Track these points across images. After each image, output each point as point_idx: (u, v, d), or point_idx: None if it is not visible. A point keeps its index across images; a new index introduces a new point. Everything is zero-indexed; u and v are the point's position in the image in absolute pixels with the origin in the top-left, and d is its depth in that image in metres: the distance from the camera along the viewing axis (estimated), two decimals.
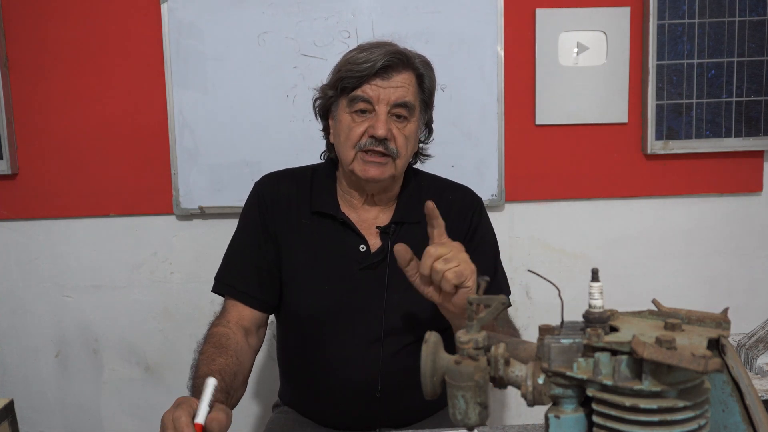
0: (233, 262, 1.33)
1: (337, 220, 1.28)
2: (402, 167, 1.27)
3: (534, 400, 0.66)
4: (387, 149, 1.21)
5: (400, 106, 1.22)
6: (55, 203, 1.95)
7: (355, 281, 1.26)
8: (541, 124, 1.96)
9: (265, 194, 1.32)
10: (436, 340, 0.71)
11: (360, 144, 1.22)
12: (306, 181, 1.34)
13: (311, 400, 1.34)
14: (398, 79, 1.22)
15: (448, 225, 1.27)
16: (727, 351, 0.65)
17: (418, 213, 1.28)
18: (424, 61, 1.28)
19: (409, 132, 1.25)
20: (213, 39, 1.88)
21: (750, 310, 1.98)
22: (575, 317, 0.69)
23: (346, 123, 1.23)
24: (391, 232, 1.28)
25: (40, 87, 1.90)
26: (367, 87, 1.21)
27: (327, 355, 1.27)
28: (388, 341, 1.26)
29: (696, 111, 1.94)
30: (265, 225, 1.30)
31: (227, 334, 1.23)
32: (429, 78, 1.28)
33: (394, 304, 1.26)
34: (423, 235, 1.25)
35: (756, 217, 2.05)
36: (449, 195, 1.35)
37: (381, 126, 1.20)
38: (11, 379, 2.03)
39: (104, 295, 2.00)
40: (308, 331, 1.29)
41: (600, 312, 0.66)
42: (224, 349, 1.19)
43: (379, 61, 1.19)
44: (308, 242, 1.29)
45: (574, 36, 1.92)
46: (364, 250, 1.27)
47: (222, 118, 1.90)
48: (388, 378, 1.25)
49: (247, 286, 1.28)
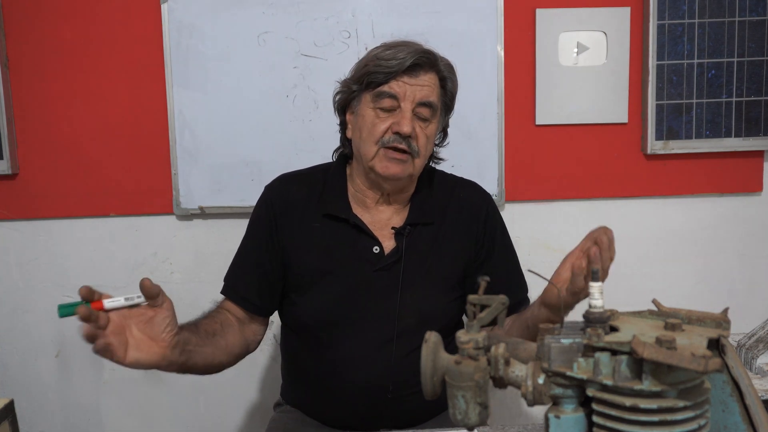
0: (239, 264, 1.35)
1: (349, 223, 1.28)
2: (420, 167, 1.27)
3: (534, 400, 0.66)
4: (410, 147, 1.21)
5: (424, 105, 1.22)
6: (55, 203, 1.95)
7: (368, 283, 1.26)
8: (541, 124, 1.96)
9: (275, 201, 1.31)
10: (436, 340, 0.72)
11: (383, 140, 1.21)
12: (317, 183, 1.33)
13: (318, 401, 1.33)
14: (425, 78, 1.22)
15: (462, 225, 1.33)
16: (727, 351, 0.65)
17: (431, 214, 1.31)
18: (447, 65, 1.28)
19: (430, 133, 1.25)
20: (213, 39, 1.88)
21: (750, 310, 1.98)
22: (575, 317, 0.70)
23: (369, 118, 1.23)
24: (406, 234, 1.27)
25: (40, 87, 1.90)
26: (395, 83, 1.21)
27: (338, 356, 1.27)
28: (400, 342, 1.26)
29: (696, 111, 1.94)
30: (272, 235, 1.29)
31: (220, 310, 1.29)
32: (452, 82, 1.28)
33: (408, 304, 1.26)
34: (435, 235, 1.30)
35: (756, 217, 2.05)
36: (460, 192, 1.37)
37: (407, 123, 1.20)
38: (11, 379, 2.02)
39: None
40: (319, 333, 1.28)
41: (600, 312, 0.66)
42: (211, 317, 1.25)
43: (408, 59, 1.19)
44: (320, 245, 1.28)
45: (574, 36, 1.92)
46: (378, 252, 1.27)
47: (222, 118, 1.90)
48: (400, 379, 1.25)
49: (248, 291, 1.30)
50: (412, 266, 1.27)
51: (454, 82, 1.29)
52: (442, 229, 1.31)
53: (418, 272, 1.27)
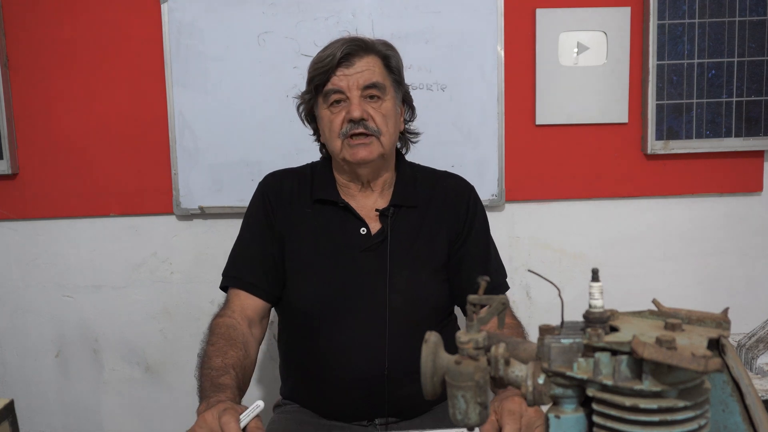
0: (239, 255, 1.37)
1: (338, 206, 1.34)
2: (389, 144, 1.31)
3: (534, 400, 0.66)
4: (367, 128, 1.27)
5: (370, 87, 1.28)
6: (55, 203, 1.95)
7: (357, 264, 1.31)
8: (541, 124, 1.96)
9: (269, 192, 1.38)
10: (436, 340, 0.71)
11: (342, 131, 1.28)
12: (307, 176, 1.40)
13: (316, 393, 1.34)
14: (361, 64, 1.28)
15: (446, 211, 1.38)
16: (727, 351, 0.65)
17: (414, 198, 1.37)
18: (385, 43, 1.34)
19: (386, 110, 1.30)
20: (213, 39, 1.88)
21: (750, 310, 1.98)
22: (575, 317, 0.69)
23: (326, 117, 1.31)
24: (390, 215, 1.33)
25: (40, 87, 1.90)
26: (335, 78, 1.27)
27: (332, 344, 1.29)
28: (392, 322, 1.28)
29: (696, 111, 1.94)
30: (270, 221, 1.35)
31: (233, 324, 1.26)
32: (394, 58, 1.34)
33: (396, 286, 1.30)
34: (419, 219, 1.36)
35: (756, 217, 2.05)
36: (444, 183, 1.43)
37: (355, 108, 1.26)
38: (11, 379, 2.03)
39: (104, 295, 2.00)
40: (313, 318, 1.31)
41: (600, 312, 0.66)
42: (233, 341, 1.22)
43: (338, 51, 1.26)
44: (312, 230, 1.34)
45: (574, 36, 1.92)
46: (365, 233, 1.33)
47: (222, 118, 1.90)
48: (394, 364, 1.27)
49: (253, 276, 1.33)
50: (398, 247, 1.32)
51: (397, 57, 1.34)
52: (428, 213, 1.37)
53: (405, 254, 1.32)
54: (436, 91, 1.91)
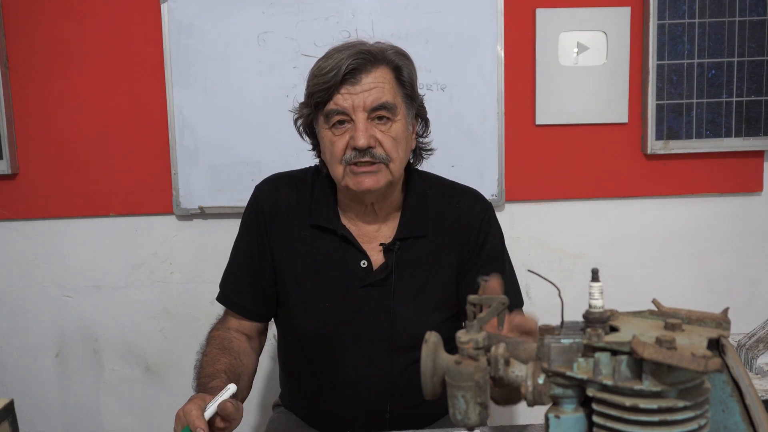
0: (231, 274, 1.32)
1: (337, 234, 1.21)
2: (398, 171, 1.18)
3: (534, 400, 0.66)
4: (374, 157, 1.12)
5: (378, 108, 1.12)
6: (55, 203, 1.95)
7: (356, 299, 1.20)
8: (541, 124, 1.96)
9: (264, 203, 1.26)
10: (436, 340, 0.71)
11: (345, 158, 1.13)
12: (307, 188, 1.27)
13: (317, 415, 1.31)
14: (369, 80, 1.12)
15: (456, 236, 1.23)
16: (727, 351, 0.65)
17: (423, 226, 1.22)
18: (398, 52, 1.17)
19: (396, 133, 1.14)
20: (213, 39, 1.88)
21: (750, 310, 1.98)
22: (575, 317, 0.69)
23: (327, 139, 1.16)
24: (396, 250, 1.20)
25: (40, 87, 1.90)
26: (339, 97, 1.12)
27: (333, 376, 1.24)
28: (395, 359, 1.21)
29: (696, 111, 1.94)
30: (262, 238, 1.26)
31: (229, 337, 1.24)
32: (407, 68, 1.17)
33: (400, 324, 1.20)
34: (426, 248, 1.22)
35: (756, 217, 2.05)
36: (456, 202, 1.26)
37: (361, 136, 1.10)
38: (11, 379, 2.02)
39: (104, 295, 2.00)
40: (312, 349, 1.25)
41: (600, 312, 0.66)
42: (227, 350, 1.20)
43: (343, 66, 1.10)
44: (308, 256, 1.23)
45: (574, 36, 1.92)
46: (365, 266, 1.21)
47: (222, 118, 1.90)
48: (397, 396, 1.22)
49: (243, 299, 1.28)
50: (403, 284, 1.20)
51: (410, 68, 1.18)
52: (437, 241, 1.23)
53: (410, 290, 1.21)
54: (436, 91, 1.91)
